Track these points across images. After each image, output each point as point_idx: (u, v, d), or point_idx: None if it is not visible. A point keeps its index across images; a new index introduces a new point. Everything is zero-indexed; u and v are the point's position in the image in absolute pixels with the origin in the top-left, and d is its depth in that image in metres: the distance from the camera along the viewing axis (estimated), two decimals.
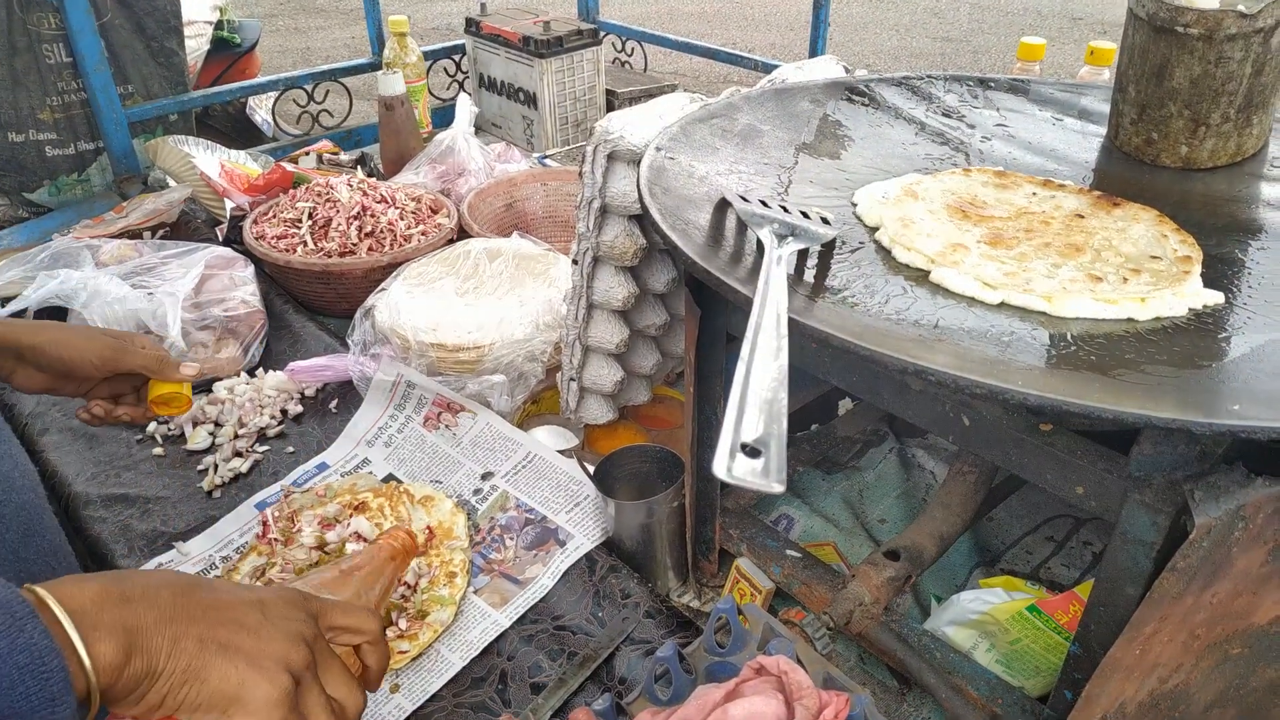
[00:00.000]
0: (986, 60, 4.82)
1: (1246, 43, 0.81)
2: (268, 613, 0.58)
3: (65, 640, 0.49)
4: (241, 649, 0.55)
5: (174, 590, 0.55)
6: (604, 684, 0.86)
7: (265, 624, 0.57)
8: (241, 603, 0.57)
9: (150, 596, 0.53)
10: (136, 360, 0.90)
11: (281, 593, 0.61)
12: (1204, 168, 0.88)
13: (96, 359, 0.88)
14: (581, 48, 2.01)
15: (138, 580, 0.55)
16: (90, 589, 0.52)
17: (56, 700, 0.47)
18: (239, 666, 0.54)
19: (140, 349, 0.92)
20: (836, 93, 1.00)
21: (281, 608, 0.59)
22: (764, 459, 0.49)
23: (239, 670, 0.54)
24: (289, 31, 5.54)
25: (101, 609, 0.51)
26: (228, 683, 0.53)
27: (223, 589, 0.59)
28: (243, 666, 0.54)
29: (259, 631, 0.56)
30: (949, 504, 0.90)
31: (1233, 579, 0.58)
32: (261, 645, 0.55)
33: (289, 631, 0.57)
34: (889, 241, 0.74)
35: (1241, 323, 0.65)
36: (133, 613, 0.52)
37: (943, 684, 0.78)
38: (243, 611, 0.57)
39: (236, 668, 0.54)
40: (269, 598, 0.59)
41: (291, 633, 0.58)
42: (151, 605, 0.53)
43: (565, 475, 1.06)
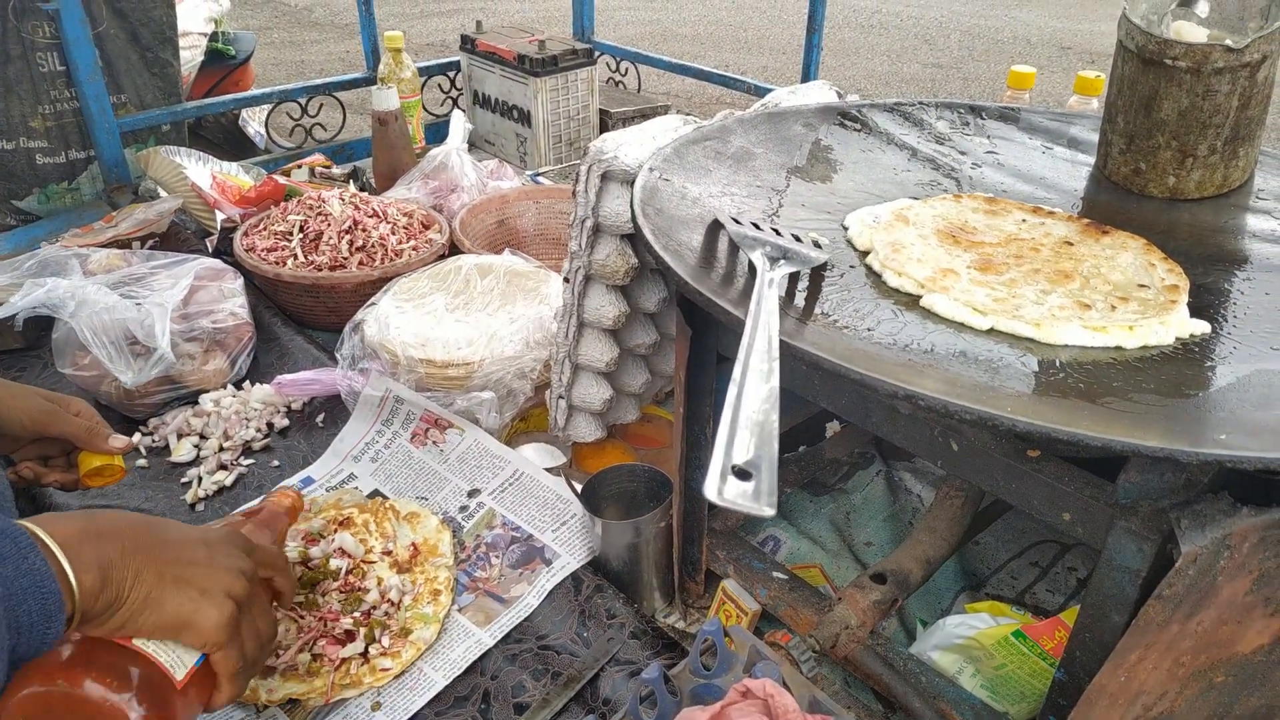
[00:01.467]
0: (976, 87, 4.87)
1: (1233, 76, 0.82)
2: (213, 550, 0.68)
3: (59, 568, 0.57)
4: (193, 581, 0.65)
5: (135, 529, 0.64)
6: (588, 705, 0.85)
7: (212, 559, 0.67)
8: (191, 540, 0.68)
9: (117, 533, 0.62)
10: (67, 428, 0.90)
11: (220, 531, 0.73)
12: (1191, 198, 0.89)
13: (27, 420, 0.88)
14: (576, 67, 2.02)
15: (106, 519, 0.64)
16: (72, 526, 0.60)
17: (52, 618, 0.56)
18: (191, 595, 0.64)
19: (73, 416, 0.91)
20: (829, 117, 1.01)
21: (223, 546, 0.70)
22: (755, 482, 0.49)
23: (191, 599, 0.64)
24: (283, 45, 5.54)
25: (83, 543, 0.59)
26: (182, 609, 0.64)
27: (174, 528, 0.69)
28: (194, 595, 0.64)
29: (207, 565, 0.67)
30: (935, 528, 0.90)
31: (1218, 607, 0.58)
32: (210, 577, 0.66)
33: (231, 566, 0.69)
34: (879, 266, 0.74)
35: (1227, 352, 0.66)
36: (106, 548, 0.60)
37: (928, 708, 0.77)
38: (192, 549, 0.67)
39: (189, 596, 0.64)
40: (211, 537, 0.70)
41: (233, 567, 0.69)
42: (118, 541, 0.62)
43: (552, 494, 1.05)
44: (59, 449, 0.94)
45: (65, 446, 0.94)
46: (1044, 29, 6.05)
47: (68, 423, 0.90)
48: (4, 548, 0.55)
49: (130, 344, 1.19)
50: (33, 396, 0.90)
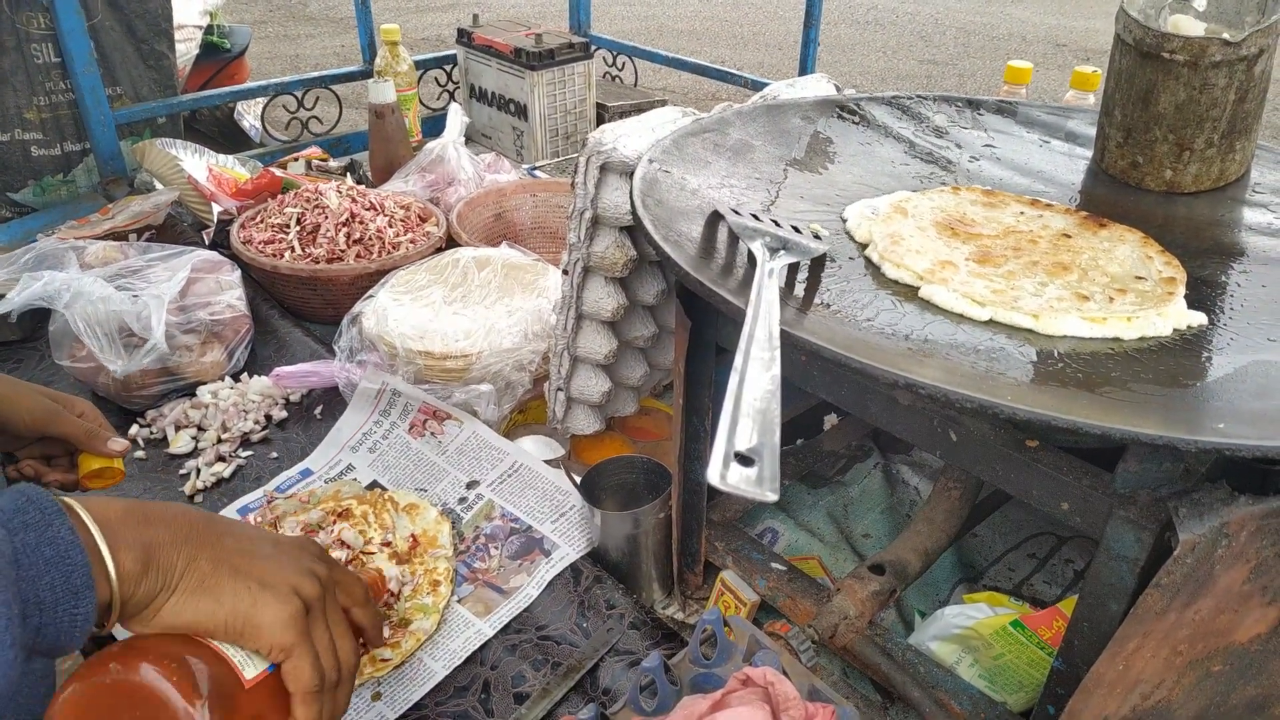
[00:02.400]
0: (972, 84, 4.88)
1: (1231, 70, 0.82)
2: (280, 547, 0.61)
3: (91, 544, 0.52)
4: (254, 572, 0.57)
5: (191, 519, 0.58)
6: (588, 694, 0.85)
7: (278, 555, 0.60)
8: (256, 536, 0.61)
9: (169, 520, 0.57)
10: (68, 428, 0.89)
11: (293, 536, 0.66)
12: (1188, 192, 0.89)
13: (29, 418, 0.86)
14: (573, 61, 2.01)
15: (158, 507, 0.58)
16: (116, 506, 0.55)
17: (79, 594, 0.50)
18: (251, 587, 0.56)
19: (76, 416, 0.90)
20: (827, 110, 1.01)
21: (294, 548, 0.63)
22: (757, 467, 0.49)
23: (251, 591, 0.56)
24: (279, 38, 5.52)
25: (124, 524, 0.54)
26: (240, 601, 0.56)
27: (238, 524, 0.62)
28: (255, 587, 0.57)
29: (272, 559, 0.59)
30: (933, 519, 0.91)
31: (1215, 596, 0.58)
32: (274, 571, 0.58)
33: (301, 565, 0.60)
34: (878, 258, 0.75)
35: (1224, 343, 0.66)
36: (152, 532, 0.55)
37: (926, 698, 0.78)
38: (257, 543, 0.60)
39: (249, 588, 0.56)
40: (282, 538, 0.63)
41: (303, 567, 0.61)
42: (169, 527, 0.56)
43: (551, 485, 1.06)
44: (62, 449, 0.93)
45: (67, 446, 0.93)
46: (1039, 26, 6.06)
47: (69, 423, 0.90)
48: (28, 515, 0.50)
49: (126, 336, 1.19)
50: (36, 395, 0.89)
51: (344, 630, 0.63)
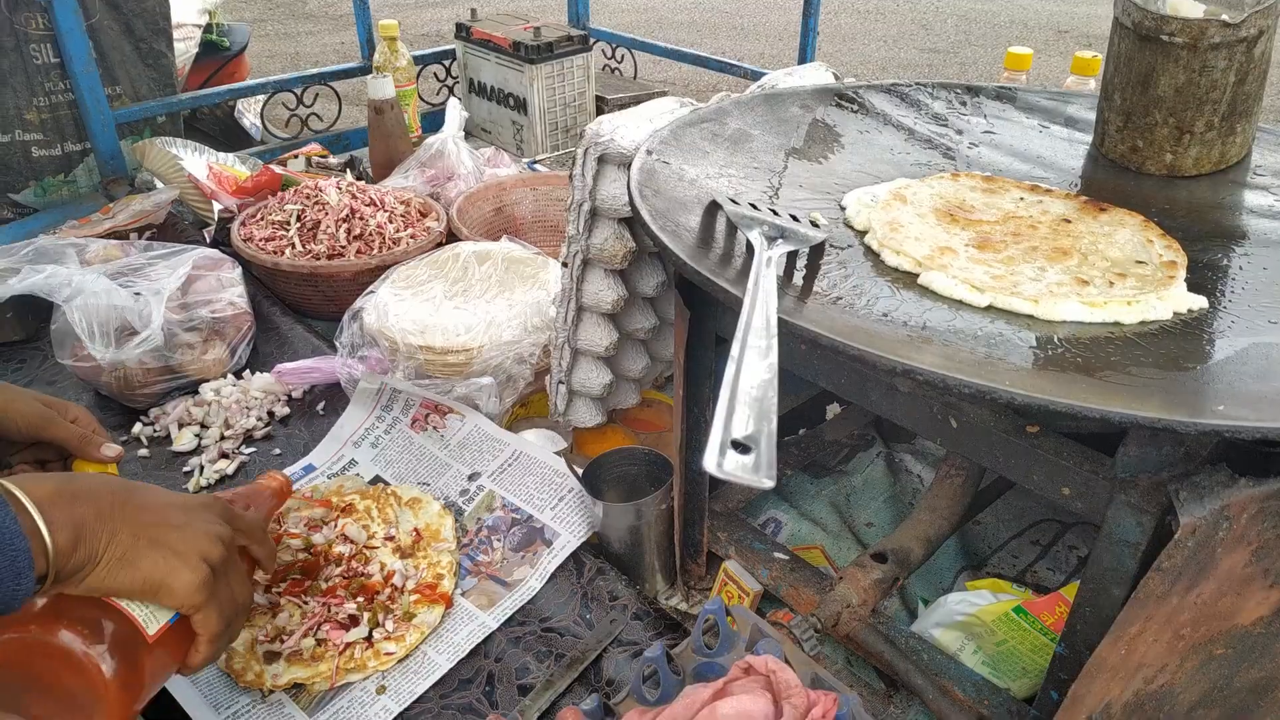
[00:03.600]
0: (973, 72, 4.86)
1: (1230, 52, 0.82)
2: (190, 515, 0.69)
3: (31, 526, 0.58)
4: (168, 543, 0.66)
5: (113, 492, 0.65)
6: (592, 685, 0.86)
7: (189, 524, 0.68)
8: (169, 505, 0.69)
9: (93, 496, 0.63)
10: (61, 433, 0.89)
11: (200, 498, 0.74)
12: (1188, 175, 0.89)
13: (23, 423, 0.86)
14: (572, 54, 2.01)
15: (83, 482, 0.65)
16: (47, 486, 0.61)
17: (21, 575, 0.56)
18: (166, 557, 0.65)
19: (69, 422, 0.90)
20: (826, 99, 1.01)
21: (202, 512, 0.71)
22: (754, 455, 0.49)
23: (166, 560, 0.65)
24: (278, 36, 5.52)
25: (56, 504, 0.60)
26: (157, 569, 0.64)
27: (154, 494, 0.69)
28: (169, 556, 0.65)
29: (184, 529, 0.67)
30: (936, 507, 0.90)
31: (1217, 579, 0.58)
32: (185, 541, 0.67)
33: (208, 531, 0.69)
34: (877, 245, 0.74)
35: (1225, 326, 0.66)
36: (81, 509, 0.61)
37: (930, 685, 0.78)
38: (170, 513, 0.68)
39: (164, 557, 0.65)
40: (191, 503, 0.71)
41: (210, 533, 0.69)
42: (94, 503, 0.63)
43: (549, 469, 1.05)
44: (55, 453, 0.93)
45: (61, 452, 0.94)
46: (1041, 12, 6.03)
47: (63, 428, 0.89)
48: None
49: (128, 335, 1.19)
50: (31, 400, 0.89)
51: (242, 577, 0.74)
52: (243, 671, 0.85)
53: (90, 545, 0.61)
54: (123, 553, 0.63)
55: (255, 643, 0.87)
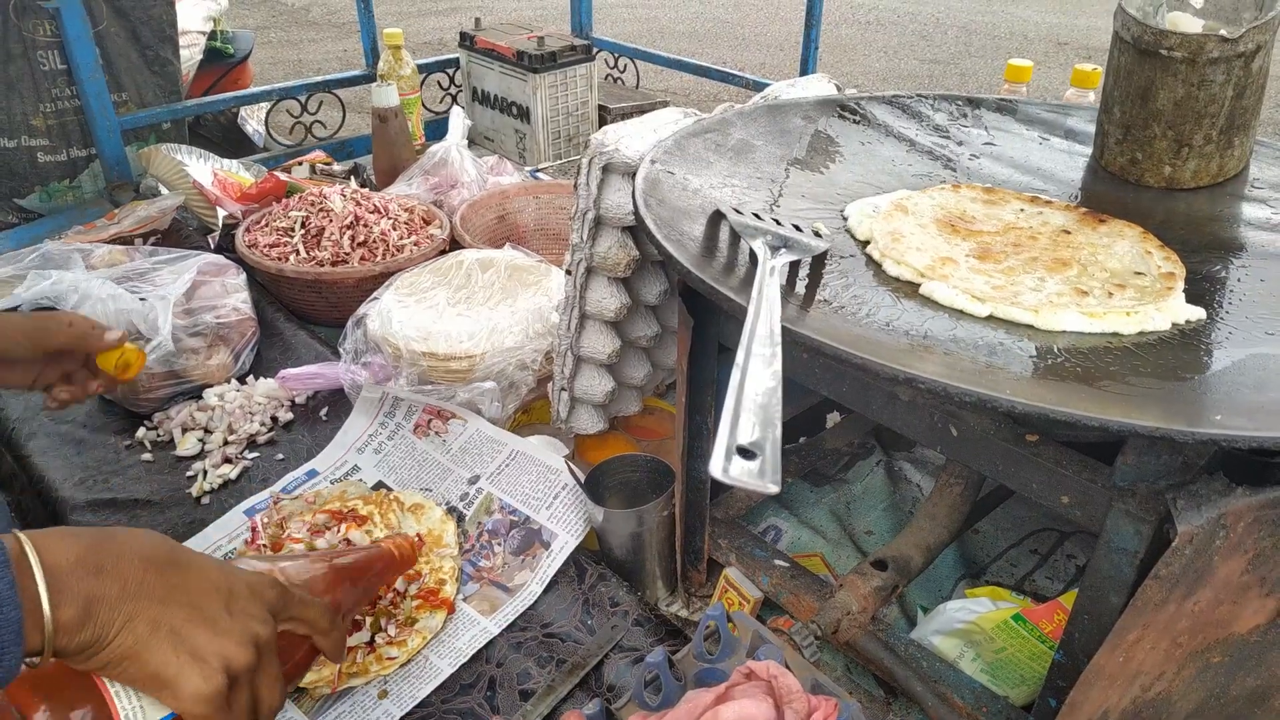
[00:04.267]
0: (973, 83, 4.88)
1: (1228, 66, 0.83)
2: (231, 604, 0.60)
3: (32, 594, 0.51)
4: (190, 639, 0.57)
5: (146, 565, 0.57)
6: (593, 691, 0.86)
7: (223, 617, 0.59)
8: (209, 589, 0.59)
9: (121, 569, 0.55)
10: (61, 337, 0.88)
11: (252, 580, 0.63)
12: (1187, 188, 0.90)
13: (23, 339, 0.86)
14: (575, 63, 2.02)
15: (116, 547, 0.57)
16: (73, 551, 0.54)
17: (5, 649, 0.49)
18: (181, 656, 0.56)
19: (65, 326, 0.90)
20: (828, 110, 1.02)
21: (246, 601, 0.61)
22: (759, 460, 0.50)
23: (179, 660, 0.56)
24: (281, 44, 5.55)
25: (74, 574, 0.53)
26: (166, 669, 0.56)
27: (196, 569, 0.60)
28: (184, 657, 0.56)
29: (215, 624, 0.58)
30: (935, 515, 0.91)
31: (1214, 587, 0.59)
32: (211, 640, 0.58)
33: (243, 631, 0.59)
34: (879, 255, 0.75)
35: (1223, 338, 0.66)
36: (101, 585, 0.54)
37: (929, 693, 0.78)
38: (207, 600, 0.59)
39: (178, 657, 0.56)
40: (239, 586, 0.61)
41: (246, 632, 0.60)
42: (118, 579, 0.55)
43: (543, 467, 1.06)
44: (74, 363, 0.92)
45: (79, 360, 0.92)
46: (1040, 25, 6.06)
47: (61, 333, 0.89)
48: None
49: (134, 339, 1.19)
50: (20, 318, 0.89)
51: (273, 681, 0.62)
52: None
53: (101, 626, 0.54)
54: (134, 643, 0.55)
55: None
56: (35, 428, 1.22)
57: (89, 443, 1.19)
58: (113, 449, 1.18)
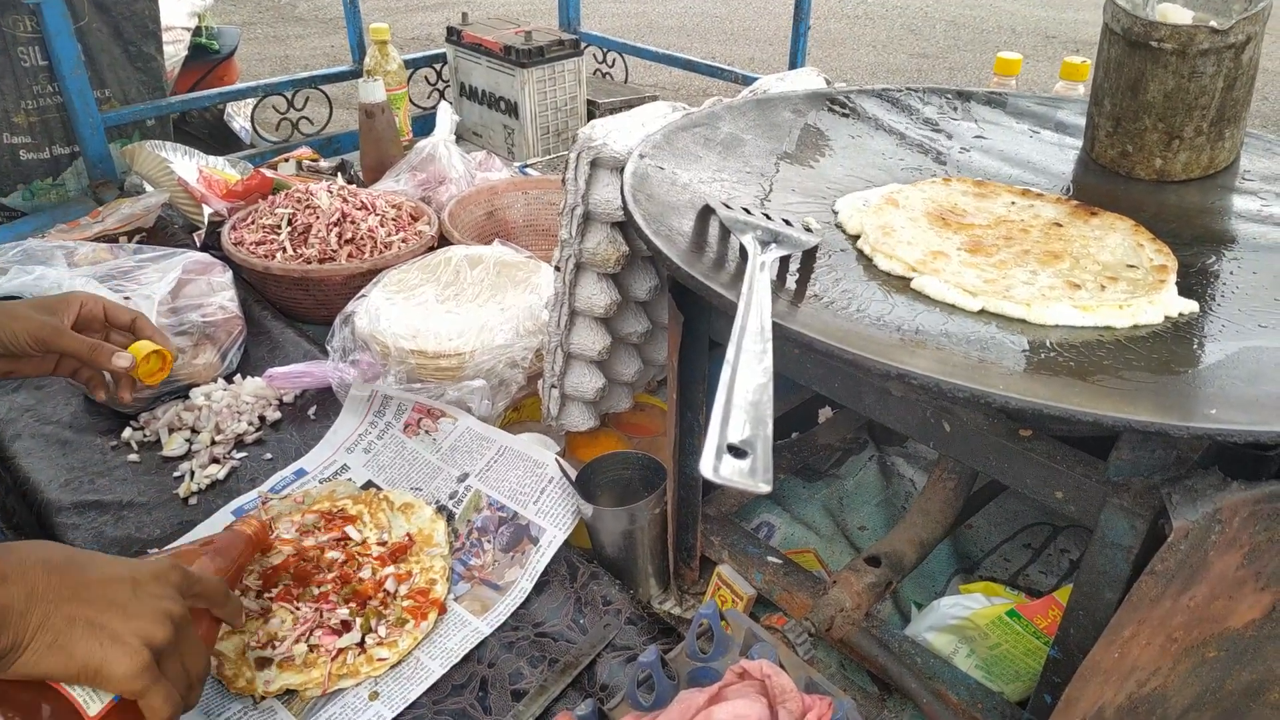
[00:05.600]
0: (962, 77, 4.88)
1: (1219, 57, 0.83)
2: (138, 590, 0.63)
3: None
4: (106, 627, 0.60)
5: (48, 568, 0.60)
6: (586, 690, 0.85)
7: (133, 601, 0.63)
8: (114, 580, 0.63)
9: (25, 575, 0.59)
10: (70, 344, 0.86)
11: (154, 567, 0.67)
12: (1178, 180, 0.89)
13: (31, 340, 0.84)
14: (563, 58, 2.01)
15: (18, 557, 0.60)
16: None
17: None
18: (103, 643, 0.60)
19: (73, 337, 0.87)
20: (818, 103, 1.01)
21: (151, 585, 0.65)
22: (750, 459, 0.49)
23: (102, 646, 0.60)
24: (267, 40, 5.51)
25: None
26: (91, 657, 0.59)
27: (97, 566, 0.64)
28: (106, 643, 0.60)
29: (126, 608, 0.62)
30: (929, 511, 0.91)
31: (1209, 582, 0.59)
32: (127, 623, 0.61)
33: (156, 610, 0.63)
34: (870, 249, 0.75)
35: (1216, 330, 0.66)
36: (6, 593, 0.57)
37: (923, 689, 0.78)
38: (114, 589, 0.62)
39: (100, 644, 0.60)
40: (142, 574, 0.65)
41: (159, 611, 0.64)
42: (24, 583, 0.58)
43: (530, 461, 1.04)
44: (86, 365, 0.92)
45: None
46: (1029, 18, 6.07)
47: (71, 340, 0.86)
48: None
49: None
50: (34, 317, 0.85)
51: (196, 649, 0.67)
52: (234, 678, 0.84)
53: (15, 631, 0.57)
54: (54, 638, 0.58)
55: (247, 649, 0.86)
56: (20, 429, 1.20)
57: (74, 444, 1.18)
58: (99, 450, 1.17)
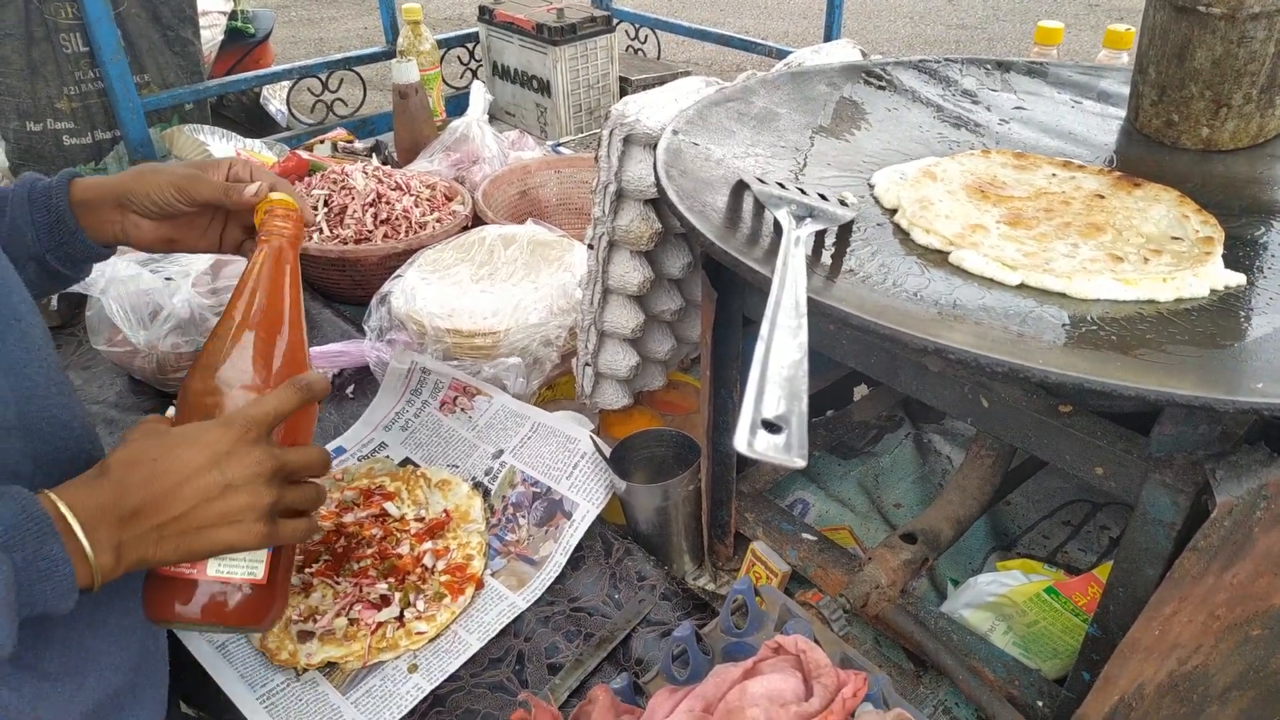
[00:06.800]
0: (1002, 47, 4.78)
1: (1270, 22, 0.80)
2: (227, 472, 0.65)
3: (78, 551, 0.59)
4: (218, 526, 0.65)
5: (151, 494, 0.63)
6: (621, 665, 0.86)
7: (229, 489, 0.65)
8: (205, 484, 0.64)
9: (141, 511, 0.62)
10: (207, 192, 0.82)
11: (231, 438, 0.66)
12: (1225, 149, 0.87)
13: (175, 190, 0.81)
14: (595, 35, 2.00)
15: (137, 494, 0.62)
16: (94, 501, 0.60)
17: (65, 598, 0.58)
18: (220, 535, 0.65)
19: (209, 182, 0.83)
20: (853, 76, 1.00)
21: (239, 464, 0.66)
22: (785, 435, 0.49)
23: (222, 537, 0.65)
24: (302, 23, 5.54)
25: (102, 524, 0.60)
26: (217, 546, 0.65)
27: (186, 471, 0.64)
28: (223, 533, 0.65)
29: (225, 500, 0.65)
30: (965, 488, 0.90)
31: (1254, 559, 0.58)
32: (232, 513, 0.65)
33: (252, 486, 0.66)
34: (907, 224, 0.74)
35: (1264, 303, 0.65)
36: (125, 529, 0.61)
37: (960, 666, 0.78)
38: (208, 489, 0.64)
39: (220, 537, 0.65)
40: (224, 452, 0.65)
41: (255, 486, 0.66)
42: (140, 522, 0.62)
43: (563, 437, 1.05)
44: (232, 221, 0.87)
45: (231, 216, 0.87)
46: None
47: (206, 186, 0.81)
48: (26, 529, 0.57)
49: (155, 317, 1.20)
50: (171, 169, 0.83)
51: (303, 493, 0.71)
52: (277, 650, 0.86)
53: (141, 553, 0.62)
54: (176, 546, 0.64)
55: (289, 622, 0.88)
56: None
57: (120, 423, 1.20)
58: None
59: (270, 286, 0.78)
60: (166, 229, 0.83)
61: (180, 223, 0.84)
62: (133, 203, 0.81)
